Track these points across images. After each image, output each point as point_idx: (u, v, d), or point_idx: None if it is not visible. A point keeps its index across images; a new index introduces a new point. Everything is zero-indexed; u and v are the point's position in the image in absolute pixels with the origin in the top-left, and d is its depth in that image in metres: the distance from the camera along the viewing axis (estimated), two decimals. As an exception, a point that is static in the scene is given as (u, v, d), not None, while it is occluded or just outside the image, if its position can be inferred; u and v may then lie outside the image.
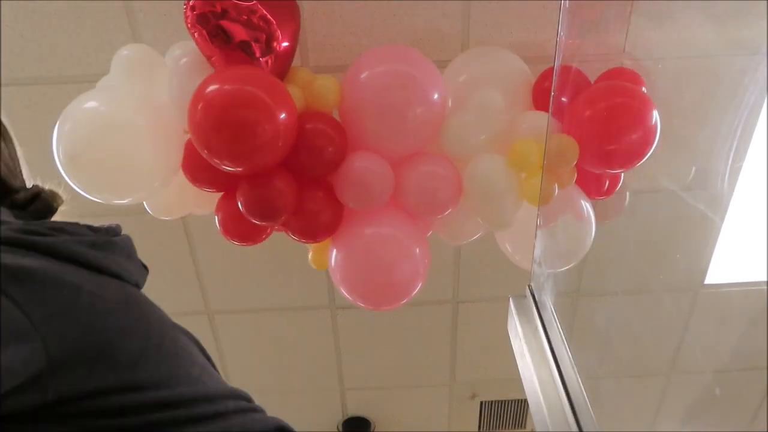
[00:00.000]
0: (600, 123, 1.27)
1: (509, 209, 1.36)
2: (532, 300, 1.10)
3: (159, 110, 1.27)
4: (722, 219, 1.31)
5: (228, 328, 2.26)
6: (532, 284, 1.13)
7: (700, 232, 1.36)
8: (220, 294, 2.14)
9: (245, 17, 1.14)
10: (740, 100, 1.20)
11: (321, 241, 1.42)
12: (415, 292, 1.38)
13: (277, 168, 1.23)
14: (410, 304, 1.40)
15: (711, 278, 1.54)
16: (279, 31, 1.17)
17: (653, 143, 1.26)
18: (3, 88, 1.62)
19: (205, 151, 1.15)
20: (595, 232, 1.42)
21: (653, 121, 1.25)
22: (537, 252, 1.19)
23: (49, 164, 1.73)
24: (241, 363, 2.39)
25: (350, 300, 1.39)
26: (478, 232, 1.50)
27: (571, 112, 1.29)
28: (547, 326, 1.02)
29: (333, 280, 1.40)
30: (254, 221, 1.27)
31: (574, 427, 0.81)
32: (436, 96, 1.28)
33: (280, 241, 2.03)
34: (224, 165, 1.17)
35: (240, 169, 1.19)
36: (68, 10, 1.51)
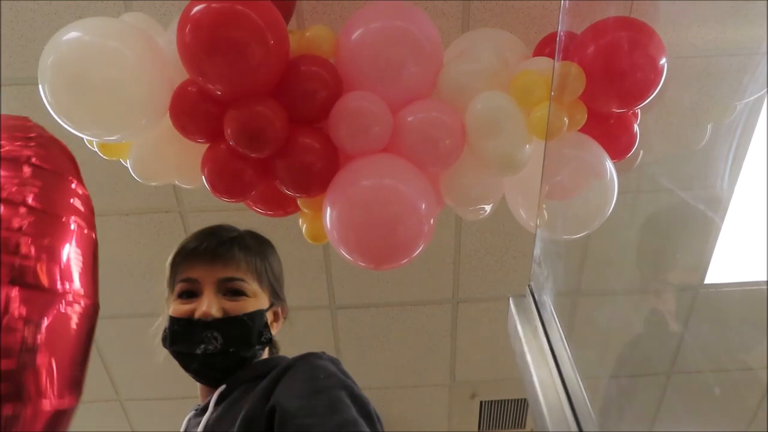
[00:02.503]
0: (606, 54, 1.22)
1: (517, 145, 1.28)
2: (532, 299, 1.10)
3: (152, 49, 1.25)
4: (722, 219, 1.31)
5: (228, 328, 2.25)
6: (532, 284, 1.13)
7: (700, 232, 1.36)
8: (220, 294, 2.13)
9: None
10: (740, 101, 1.20)
11: (315, 195, 1.35)
12: (418, 252, 1.31)
13: (268, 98, 1.21)
14: (410, 303, 1.40)
15: (711, 278, 1.54)
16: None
17: (660, 81, 1.22)
18: (3, 88, 1.62)
19: (196, 74, 1.14)
20: (596, 231, 1.41)
21: (661, 61, 1.21)
22: (537, 251, 1.19)
23: (49, 164, 1.72)
24: (241, 363, 2.39)
25: (350, 260, 1.32)
26: (489, 195, 1.43)
27: (575, 46, 1.25)
28: (547, 326, 1.01)
29: (330, 240, 1.33)
30: (241, 149, 1.23)
31: (574, 427, 0.81)
32: (432, 49, 1.26)
33: (279, 240, 2.03)
34: (216, 88, 1.16)
35: (230, 90, 1.17)
36: (68, 10, 1.52)
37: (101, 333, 2.19)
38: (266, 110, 1.19)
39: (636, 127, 1.36)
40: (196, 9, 1.10)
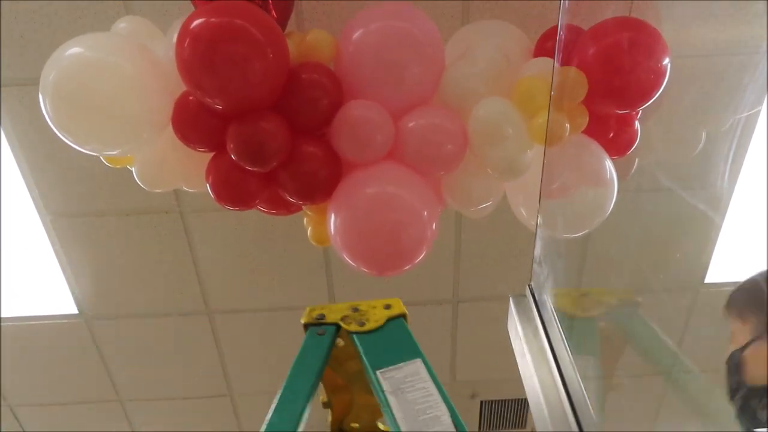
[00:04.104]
0: (608, 56, 1.22)
1: (519, 152, 1.29)
2: (532, 299, 1.10)
3: (151, 62, 1.25)
4: (722, 218, 1.31)
5: (228, 328, 2.26)
6: (532, 283, 1.13)
7: (700, 231, 1.36)
8: (220, 294, 2.14)
9: None
10: (740, 100, 1.20)
11: (319, 203, 1.35)
12: (420, 258, 1.32)
13: (270, 112, 1.21)
14: (410, 303, 1.40)
15: (711, 277, 1.54)
16: (275, 11, 1.17)
17: (663, 82, 1.21)
18: (3, 88, 1.62)
19: (195, 89, 1.14)
20: (596, 230, 1.41)
21: (664, 61, 1.20)
22: (537, 251, 1.19)
23: (49, 165, 1.72)
24: (241, 363, 2.39)
25: (353, 267, 1.33)
26: (490, 195, 1.44)
27: (577, 48, 1.24)
28: (547, 326, 1.02)
29: (334, 246, 1.34)
30: (245, 165, 1.23)
31: (575, 427, 0.81)
32: (434, 53, 1.25)
33: (280, 240, 2.03)
34: (215, 103, 1.15)
35: (230, 105, 1.17)
36: (68, 10, 1.52)
37: (101, 333, 2.19)
38: (268, 125, 1.18)
39: (637, 124, 1.36)
40: (194, 23, 1.09)
